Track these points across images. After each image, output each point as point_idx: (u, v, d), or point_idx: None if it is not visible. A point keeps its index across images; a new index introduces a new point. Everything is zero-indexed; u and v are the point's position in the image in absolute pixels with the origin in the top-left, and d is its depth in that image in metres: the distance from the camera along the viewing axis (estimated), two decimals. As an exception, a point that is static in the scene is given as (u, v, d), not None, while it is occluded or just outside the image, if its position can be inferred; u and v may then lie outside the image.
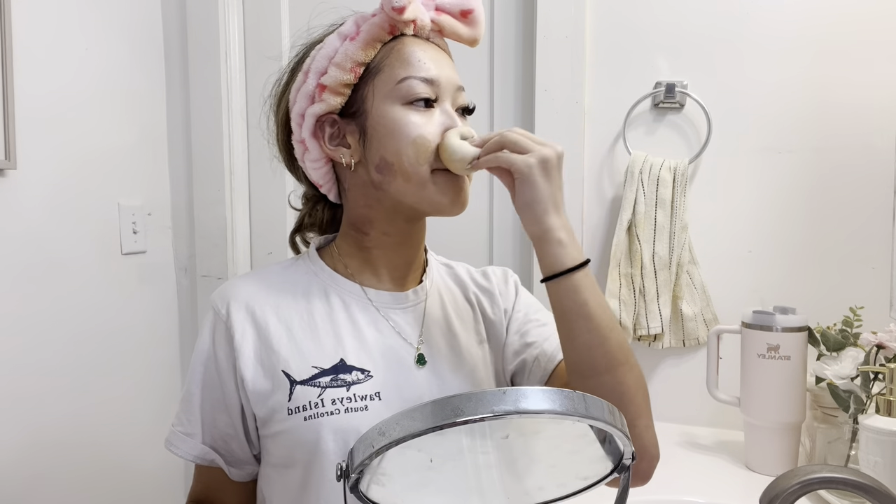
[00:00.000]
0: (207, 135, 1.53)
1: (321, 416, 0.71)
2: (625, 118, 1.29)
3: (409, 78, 0.74)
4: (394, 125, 0.74)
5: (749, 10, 1.23)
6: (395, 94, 0.74)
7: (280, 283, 0.80)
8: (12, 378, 1.20)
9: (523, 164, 0.69)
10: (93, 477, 1.35)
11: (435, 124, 0.74)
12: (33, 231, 1.24)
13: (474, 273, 0.90)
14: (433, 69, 0.75)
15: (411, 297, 0.81)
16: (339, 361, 0.74)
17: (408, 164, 0.74)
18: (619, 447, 0.49)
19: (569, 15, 1.31)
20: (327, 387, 0.72)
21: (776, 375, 1.06)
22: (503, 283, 0.88)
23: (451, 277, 0.88)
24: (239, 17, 1.55)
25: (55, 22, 1.28)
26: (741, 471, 1.09)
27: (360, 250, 0.81)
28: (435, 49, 0.77)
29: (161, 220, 1.56)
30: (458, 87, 0.77)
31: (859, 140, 1.19)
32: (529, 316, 0.84)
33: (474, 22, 0.78)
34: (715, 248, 1.28)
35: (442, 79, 0.75)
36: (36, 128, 1.23)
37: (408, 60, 0.75)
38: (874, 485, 0.53)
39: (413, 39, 0.76)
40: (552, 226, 0.69)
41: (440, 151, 0.75)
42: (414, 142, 0.73)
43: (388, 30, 0.75)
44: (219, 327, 0.77)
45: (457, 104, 0.78)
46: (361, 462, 0.43)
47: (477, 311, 0.85)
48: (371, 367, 0.74)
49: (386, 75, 0.75)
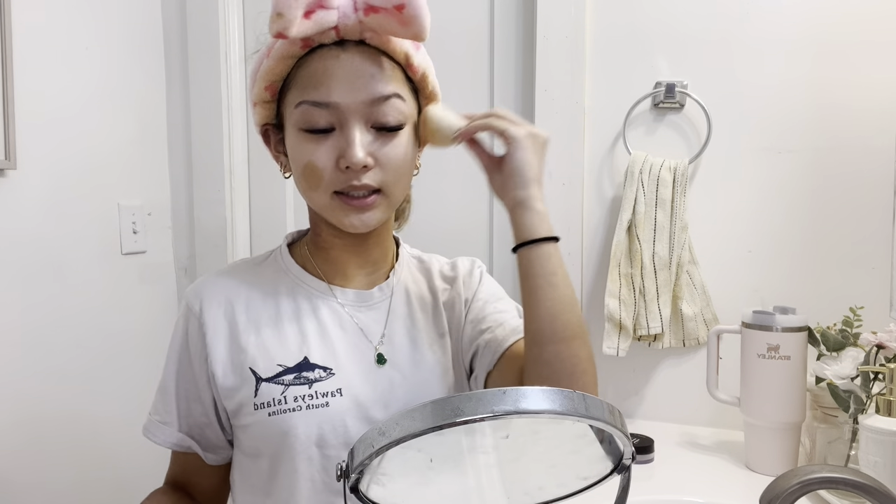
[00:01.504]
0: (207, 135, 1.53)
1: (284, 412, 0.74)
2: (625, 118, 1.29)
3: (302, 103, 0.72)
4: (291, 150, 0.76)
5: (749, 10, 1.23)
6: (292, 118, 0.74)
7: (251, 281, 0.82)
8: (12, 378, 1.20)
9: (517, 130, 0.72)
10: (93, 476, 1.35)
11: (327, 149, 0.72)
12: (33, 231, 1.24)
13: (444, 265, 0.89)
14: (332, 91, 0.71)
15: (376, 296, 0.82)
16: (303, 360, 0.76)
17: (303, 191, 0.77)
18: (619, 447, 0.49)
19: (569, 15, 1.31)
20: (290, 384, 0.75)
21: (776, 375, 1.06)
22: (468, 274, 0.87)
23: (421, 271, 0.88)
24: (239, 16, 1.55)
25: (55, 22, 1.28)
26: (741, 471, 1.09)
27: (320, 249, 0.83)
28: (350, 62, 0.72)
29: (161, 220, 1.56)
30: (372, 101, 0.72)
31: (859, 140, 1.19)
32: (489, 303, 0.84)
33: (408, 20, 0.69)
34: (715, 248, 1.28)
35: (343, 101, 0.71)
36: (36, 128, 1.23)
37: (306, 82, 0.72)
38: (874, 485, 0.53)
39: (323, 54, 0.72)
40: (534, 194, 0.72)
41: (423, 123, 0.75)
42: (303, 170, 0.74)
43: (299, 44, 0.72)
44: (192, 323, 0.80)
45: (373, 121, 0.73)
46: (361, 462, 0.43)
47: (439, 304, 0.85)
48: (333, 364, 0.76)
49: (291, 95, 0.74)
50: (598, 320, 1.31)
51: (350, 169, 0.72)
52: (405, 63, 0.76)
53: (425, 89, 0.80)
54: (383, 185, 0.74)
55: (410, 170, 0.78)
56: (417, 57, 0.77)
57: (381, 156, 0.73)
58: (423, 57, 0.78)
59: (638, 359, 1.33)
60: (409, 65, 0.76)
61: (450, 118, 0.74)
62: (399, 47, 0.74)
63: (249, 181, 1.59)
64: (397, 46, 0.74)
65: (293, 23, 0.68)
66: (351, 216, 0.74)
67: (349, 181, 0.72)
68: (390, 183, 0.75)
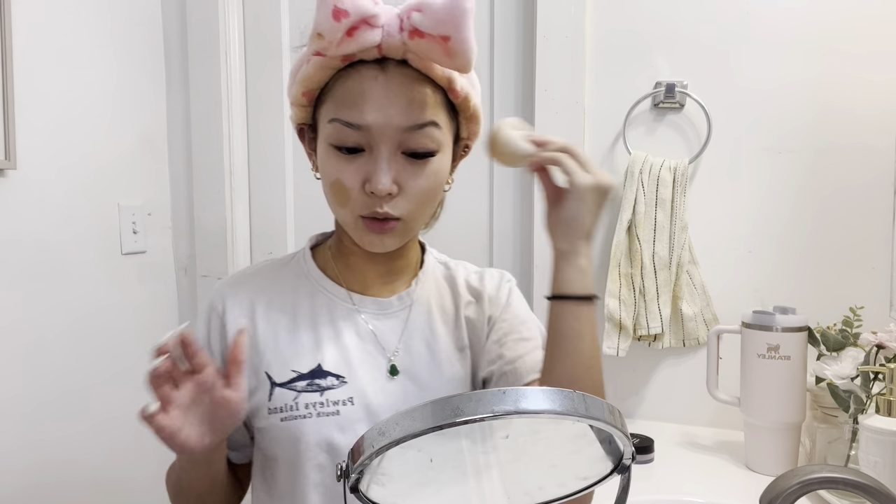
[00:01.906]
0: (207, 135, 1.53)
1: (295, 418, 0.74)
2: (625, 118, 1.29)
3: (335, 120, 0.71)
4: (322, 163, 0.75)
5: (749, 10, 1.23)
6: (325, 131, 0.73)
7: (273, 282, 0.81)
8: (12, 378, 1.20)
9: (584, 179, 0.69)
10: (92, 476, 1.35)
11: (355, 171, 0.71)
12: (33, 231, 1.24)
13: (471, 275, 0.87)
14: (365, 114, 0.69)
15: (395, 304, 0.81)
16: (316, 367, 0.76)
17: (330, 204, 0.76)
18: (619, 447, 0.49)
19: (569, 15, 1.30)
20: (303, 391, 0.75)
21: (776, 375, 1.06)
22: (495, 289, 0.85)
23: (446, 279, 0.86)
24: (239, 16, 1.55)
25: (55, 22, 1.28)
26: (741, 471, 1.09)
27: (342, 255, 0.82)
28: (388, 85, 0.69)
29: (161, 220, 1.56)
30: (406, 129, 0.70)
31: (860, 141, 1.19)
32: (514, 327, 0.82)
33: (453, 52, 0.66)
34: (715, 248, 1.28)
35: (376, 124, 0.69)
36: (36, 128, 1.23)
37: (341, 99, 0.70)
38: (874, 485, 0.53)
39: (363, 73, 0.70)
40: (581, 250, 0.70)
41: (491, 142, 0.72)
42: (331, 187, 0.73)
43: (340, 57, 0.69)
44: (214, 321, 0.80)
45: (404, 147, 0.71)
46: (361, 462, 0.43)
47: (461, 316, 0.83)
48: (346, 373, 0.76)
49: (326, 108, 0.72)
50: (598, 320, 1.31)
51: (374, 194, 0.70)
52: (447, 87, 0.73)
53: (466, 111, 0.77)
54: (405, 215, 0.73)
55: (437, 196, 0.76)
56: (461, 81, 0.73)
57: (408, 184, 0.71)
58: (467, 79, 0.75)
59: (638, 359, 1.33)
60: (451, 89, 0.73)
61: (521, 143, 0.70)
62: (442, 72, 0.71)
63: (249, 181, 1.59)
64: (440, 71, 0.71)
65: (333, 44, 0.66)
66: (371, 237, 0.74)
67: (373, 207, 0.71)
68: (413, 212, 0.73)
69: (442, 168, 0.75)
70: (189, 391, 0.69)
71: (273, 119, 1.55)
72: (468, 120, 0.78)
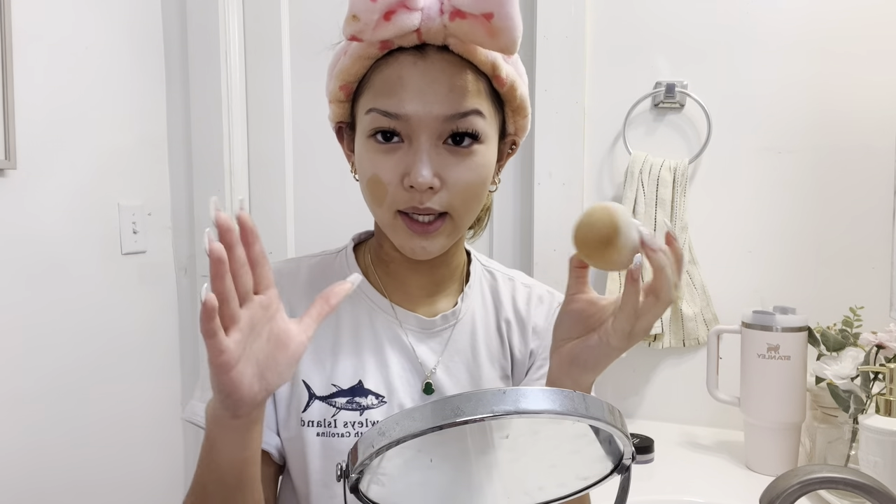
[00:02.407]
0: (207, 135, 1.53)
1: (333, 436, 0.71)
2: (625, 118, 1.29)
3: (372, 110, 0.66)
4: (359, 159, 0.70)
5: (749, 10, 1.23)
6: (362, 124, 0.68)
7: (316, 281, 0.76)
8: (12, 378, 1.20)
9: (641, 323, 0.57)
10: (91, 476, 1.35)
11: (394, 164, 0.66)
12: (33, 231, 1.24)
13: (518, 291, 0.81)
14: (404, 102, 0.64)
15: (439, 324, 0.76)
16: (357, 383, 0.72)
17: (368, 204, 0.71)
18: (619, 447, 0.49)
19: (569, 15, 1.31)
20: (342, 408, 0.71)
21: (776, 375, 1.06)
22: (542, 320, 0.79)
23: (492, 292, 0.80)
24: (239, 16, 1.55)
25: (55, 22, 1.28)
26: (741, 471, 1.09)
27: (381, 261, 0.77)
28: (428, 71, 0.65)
29: (161, 220, 1.56)
30: (447, 117, 0.65)
31: (859, 140, 1.19)
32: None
33: (497, 31, 0.62)
34: (715, 248, 1.28)
35: (415, 114, 0.64)
36: (36, 128, 1.23)
37: (379, 88, 0.66)
38: (874, 485, 0.53)
39: (401, 59, 0.66)
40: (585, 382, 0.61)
41: (606, 225, 0.56)
42: (368, 183, 0.68)
43: (377, 45, 0.66)
44: None
45: (446, 137, 0.66)
46: (361, 462, 0.43)
47: (505, 344, 0.78)
48: (386, 392, 0.73)
49: (364, 99, 0.68)
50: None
51: (414, 188, 0.65)
52: (491, 74, 0.68)
53: (513, 102, 0.72)
54: (450, 209, 0.67)
55: (483, 193, 0.70)
56: (506, 68, 0.68)
57: (450, 177, 0.66)
58: (512, 66, 0.70)
59: (638, 359, 1.33)
60: (495, 76, 0.68)
61: (636, 233, 0.55)
62: (485, 57, 0.66)
63: (249, 181, 1.59)
64: (483, 56, 0.66)
65: (369, 27, 0.62)
66: (413, 241, 0.68)
67: (412, 202, 0.66)
68: (457, 207, 0.68)
69: (487, 161, 0.69)
70: (249, 314, 0.52)
71: (273, 119, 1.55)
72: (515, 112, 0.73)
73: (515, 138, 0.77)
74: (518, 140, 0.77)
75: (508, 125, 0.74)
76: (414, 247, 0.68)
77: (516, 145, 0.78)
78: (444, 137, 0.66)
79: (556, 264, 1.33)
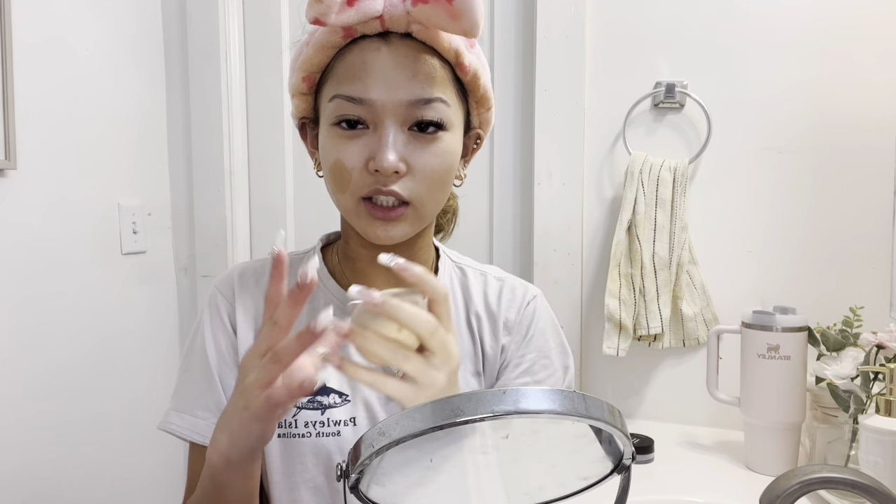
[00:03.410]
0: (207, 135, 1.53)
1: (293, 436, 0.70)
2: (625, 118, 1.29)
3: (337, 97, 0.66)
4: (322, 147, 0.70)
5: (749, 10, 1.23)
6: (326, 112, 0.68)
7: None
8: (12, 377, 1.20)
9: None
10: (91, 476, 1.35)
11: (358, 149, 0.66)
12: (33, 231, 1.24)
13: (489, 286, 0.80)
14: (369, 87, 0.64)
15: None
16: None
17: (331, 192, 0.70)
18: (619, 447, 0.49)
19: (569, 15, 1.31)
20: (303, 408, 0.71)
21: (776, 375, 1.06)
22: (514, 313, 0.78)
23: (462, 288, 0.79)
24: (239, 17, 1.55)
25: (55, 22, 1.28)
26: (741, 471, 1.09)
27: (348, 259, 0.77)
28: (392, 56, 0.65)
29: (161, 220, 1.56)
30: (412, 102, 0.65)
31: (859, 140, 1.19)
32: (533, 365, 0.76)
33: (458, 13, 0.62)
34: (715, 248, 1.28)
35: (380, 99, 0.64)
36: (36, 128, 1.23)
37: (343, 75, 0.66)
38: (874, 485, 0.53)
39: (364, 46, 0.66)
40: None
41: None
42: (331, 169, 0.68)
43: (340, 33, 0.66)
44: (223, 305, 0.75)
45: (410, 123, 0.66)
46: (361, 462, 0.43)
47: (476, 340, 0.77)
48: (350, 390, 0.72)
49: (327, 88, 0.68)
50: (598, 320, 1.31)
51: (379, 172, 0.65)
52: (455, 61, 0.68)
53: (476, 91, 0.72)
54: (413, 197, 0.67)
55: (448, 181, 0.70)
56: (469, 55, 0.69)
57: (416, 162, 0.66)
58: (475, 56, 0.71)
59: (638, 359, 1.33)
60: (458, 63, 0.69)
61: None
62: (449, 44, 0.67)
63: (249, 181, 1.59)
64: (447, 42, 0.67)
65: (332, 9, 0.62)
66: (375, 226, 0.67)
67: (377, 184, 0.66)
68: (422, 194, 0.67)
69: (453, 149, 0.69)
70: None
71: (273, 119, 1.55)
72: (478, 103, 0.74)
73: (480, 132, 0.77)
74: (483, 134, 0.77)
75: (473, 118, 0.74)
76: (378, 232, 0.68)
77: (481, 140, 0.78)
78: (408, 124, 0.66)
79: (556, 264, 1.33)
